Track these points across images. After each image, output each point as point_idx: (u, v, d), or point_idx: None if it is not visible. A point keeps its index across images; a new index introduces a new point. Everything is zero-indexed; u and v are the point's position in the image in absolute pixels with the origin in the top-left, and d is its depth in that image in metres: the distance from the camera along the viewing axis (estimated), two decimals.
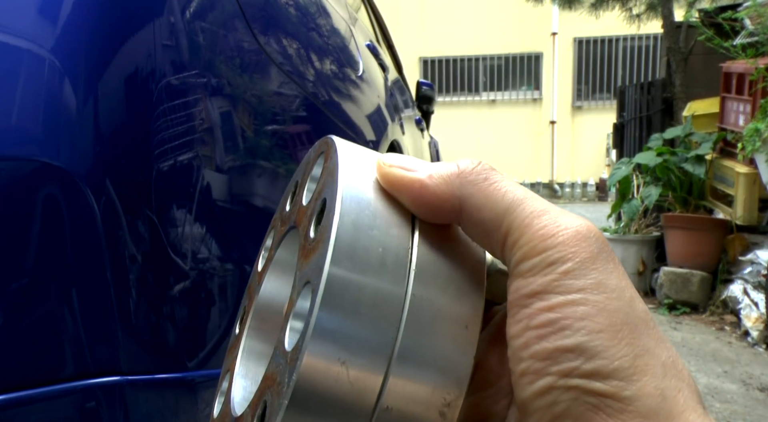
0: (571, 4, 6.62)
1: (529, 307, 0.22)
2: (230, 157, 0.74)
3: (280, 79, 0.91)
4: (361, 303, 0.21)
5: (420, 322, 0.22)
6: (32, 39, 0.55)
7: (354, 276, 0.21)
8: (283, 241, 0.28)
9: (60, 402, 0.52)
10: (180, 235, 0.63)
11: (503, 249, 0.23)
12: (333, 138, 0.25)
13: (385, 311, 0.22)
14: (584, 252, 0.22)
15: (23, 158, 0.52)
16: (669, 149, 4.02)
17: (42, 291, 0.52)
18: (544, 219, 0.22)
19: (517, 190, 0.23)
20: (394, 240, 0.23)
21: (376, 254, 0.22)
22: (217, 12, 0.77)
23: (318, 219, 0.24)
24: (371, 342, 0.21)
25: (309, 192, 0.26)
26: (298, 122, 0.98)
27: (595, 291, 0.22)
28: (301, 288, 0.23)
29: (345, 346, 0.21)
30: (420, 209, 0.24)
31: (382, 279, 0.22)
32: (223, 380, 0.29)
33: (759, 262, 3.33)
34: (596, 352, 0.21)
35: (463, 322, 0.23)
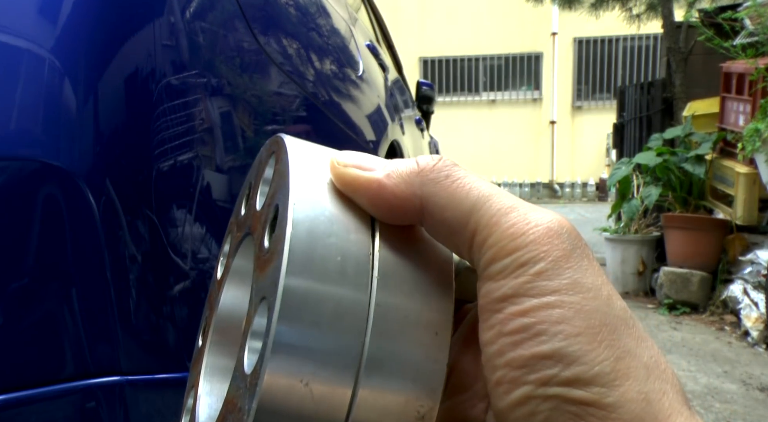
0: (571, 4, 6.62)
1: (502, 312, 0.21)
2: (230, 157, 0.74)
3: (280, 79, 0.91)
4: (322, 315, 0.20)
5: (387, 331, 0.21)
6: (32, 39, 0.55)
7: (312, 288, 0.20)
8: (240, 248, 0.27)
9: (60, 402, 0.52)
10: (180, 235, 0.63)
11: (470, 249, 0.22)
12: (283, 137, 0.24)
13: (348, 322, 0.20)
14: (557, 251, 0.21)
15: (23, 158, 0.52)
16: (669, 149, 4.02)
17: (42, 291, 0.52)
18: (513, 217, 0.21)
19: (482, 186, 0.22)
20: (354, 246, 0.21)
21: (335, 263, 0.21)
22: (217, 12, 0.77)
23: (272, 227, 0.22)
24: (335, 356, 0.20)
25: (262, 196, 0.25)
26: (298, 122, 0.98)
27: (570, 291, 0.20)
28: (258, 304, 0.21)
29: (307, 364, 0.20)
30: (379, 211, 0.22)
31: (343, 289, 0.20)
32: (188, 396, 0.28)
33: (759, 262, 3.33)
34: (575, 358, 0.20)
35: (433, 328, 0.22)
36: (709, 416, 2.19)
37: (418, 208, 0.22)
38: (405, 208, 0.22)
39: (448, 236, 0.22)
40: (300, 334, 0.20)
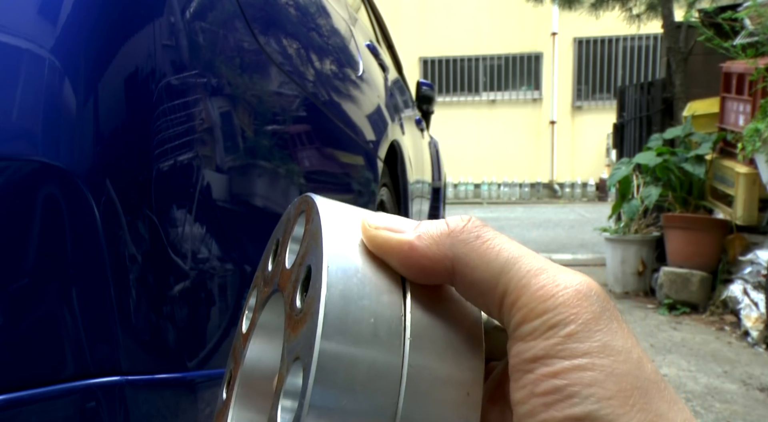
0: (571, 4, 6.62)
1: (533, 373, 0.21)
2: (230, 157, 0.74)
3: (280, 79, 0.91)
4: (356, 378, 0.20)
5: (420, 393, 0.21)
6: (32, 39, 0.55)
7: (346, 351, 0.20)
8: (267, 304, 0.27)
9: (60, 402, 0.52)
10: (180, 235, 0.63)
11: (500, 310, 0.22)
12: (313, 197, 0.24)
13: (382, 385, 0.21)
14: (587, 313, 0.21)
15: (23, 158, 0.52)
16: (669, 149, 4.02)
17: (42, 291, 0.52)
18: (542, 279, 0.21)
19: (511, 247, 0.22)
20: (386, 308, 0.22)
21: (368, 325, 0.21)
22: (217, 12, 0.77)
23: (304, 287, 0.22)
24: (369, 417, 0.20)
25: (291, 254, 0.25)
26: (298, 122, 0.98)
27: (601, 354, 0.21)
28: (290, 364, 0.22)
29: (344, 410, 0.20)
30: (410, 272, 0.23)
31: (377, 351, 0.21)
32: None
33: (759, 262, 3.33)
34: (608, 421, 0.20)
35: (464, 388, 0.22)
36: (709, 416, 2.19)
37: (449, 268, 0.22)
38: (436, 269, 0.23)
39: (478, 296, 0.23)
40: (335, 396, 0.20)
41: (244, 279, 0.76)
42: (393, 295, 0.22)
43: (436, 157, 3.80)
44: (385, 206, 1.72)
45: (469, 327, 0.23)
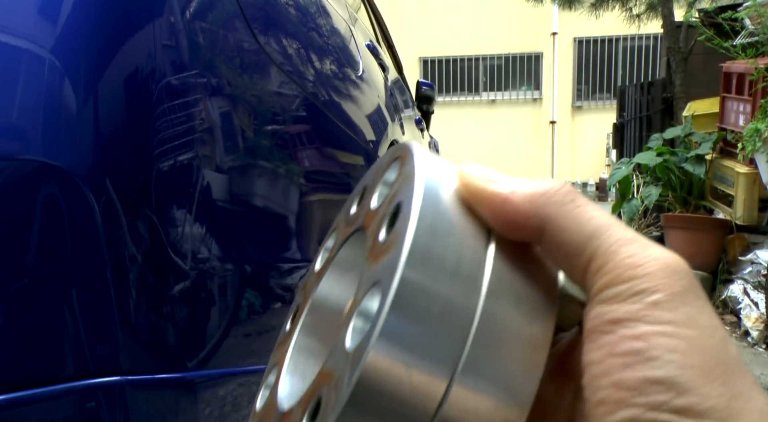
0: (571, 4, 6.62)
1: (613, 334, 0.21)
2: (230, 157, 0.74)
3: (280, 79, 0.91)
4: (431, 310, 0.21)
5: (489, 337, 0.21)
6: (32, 39, 0.55)
7: (427, 282, 0.21)
8: (346, 243, 0.28)
9: (60, 402, 0.52)
10: (180, 235, 0.63)
11: (585, 274, 0.22)
12: (411, 144, 0.25)
13: (454, 321, 0.21)
14: (675, 286, 0.21)
15: (23, 158, 0.52)
16: (669, 149, 4.02)
17: (42, 291, 0.52)
18: (632, 248, 0.22)
19: (603, 215, 0.22)
20: (470, 251, 0.22)
21: (451, 262, 0.21)
22: (217, 12, 0.77)
23: (391, 223, 0.23)
24: (438, 350, 0.21)
25: (380, 196, 0.26)
26: (298, 122, 0.98)
27: (686, 326, 0.20)
28: (368, 289, 0.22)
29: (411, 351, 0.20)
30: (500, 223, 0.23)
31: (455, 289, 0.21)
32: (269, 374, 0.29)
33: (759, 262, 3.33)
34: (688, 388, 0.20)
35: (532, 343, 0.22)
36: None
37: (539, 226, 0.23)
38: (526, 225, 0.23)
39: (564, 258, 0.23)
40: (407, 324, 0.20)
41: (244, 279, 0.76)
42: (478, 241, 0.23)
43: None
44: None
45: (546, 288, 0.23)
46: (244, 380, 0.74)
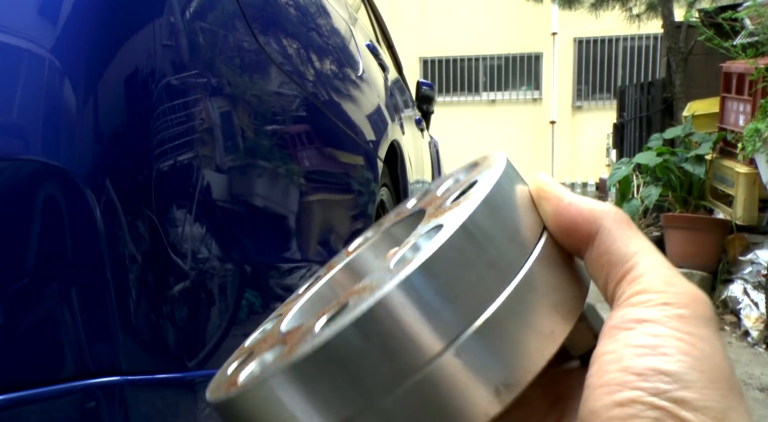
0: (571, 4, 6.62)
1: (633, 330, 0.22)
2: (230, 157, 0.74)
3: (280, 79, 0.91)
4: (479, 259, 0.23)
5: (517, 304, 0.23)
6: (32, 39, 0.55)
7: (487, 231, 0.23)
8: (393, 227, 0.30)
9: (60, 402, 0.52)
10: (180, 235, 0.63)
11: (621, 281, 0.24)
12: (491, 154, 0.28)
13: (494, 277, 0.23)
14: (700, 310, 0.22)
15: (23, 158, 0.52)
16: (669, 149, 4.02)
17: (42, 291, 0.52)
18: (671, 272, 0.23)
19: (649, 243, 0.25)
20: (525, 230, 0.25)
21: (510, 228, 0.24)
22: (217, 12, 0.77)
23: (462, 193, 0.25)
24: (470, 295, 0.22)
25: (449, 187, 0.29)
26: (298, 122, 0.98)
27: (703, 341, 0.22)
28: (423, 231, 0.24)
29: (447, 285, 0.22)
30: (559, 221, 0.25)
31: (509, 249, 0.23)
32: (268, 322, 0.30)
33: (759, 262, 3.33)
34: (691, 386, 0.21)
35: (551, 327, 0.24)
36: None
37: (591, 232, 0.25)
38: (581, 226, 0.25)
39: (605, 264, 0.25)
40: (456, 260, 0.22)
41: (244, 279, 0.76)
42: (533, 230, 0.25)
43: (436, 157, 3.80)
44: (385, 206, 1.72)
45: (574, 295, 0.25)
46: None
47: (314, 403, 0.22)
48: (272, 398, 0.23)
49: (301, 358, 0.22)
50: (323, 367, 0.22)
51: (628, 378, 0.21)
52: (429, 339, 0.22)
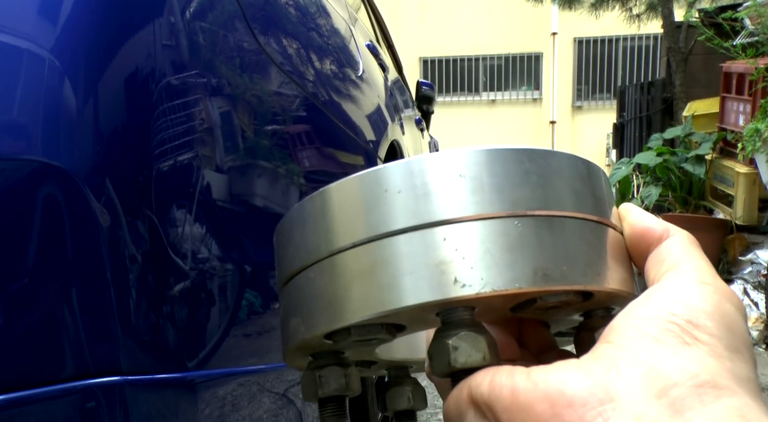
0: (571, 4, 6.62)
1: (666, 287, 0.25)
2: (230, 157, 0.74)
3: (280, 79, 0.91)
4: (561, 176, 0.26)
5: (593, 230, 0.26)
6: (32, 39, 0.55)
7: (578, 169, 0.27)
8: None
9: (60, 402, 0.52)
10: (180, 235, 0.63)
11: (670, 270, 0.27)
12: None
13: (587, 196, 0.26)
14: (733, 298, 0.25)
15: (23, 158, 0.52)
16: (669, 149, 4.02)
17: (42, 291, 0.52)
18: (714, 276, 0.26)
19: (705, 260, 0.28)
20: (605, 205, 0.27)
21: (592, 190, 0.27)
22: (217, 12, 0.77)
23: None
24: (559, 192, 0.26)
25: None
26: (298, 122, 0.98)
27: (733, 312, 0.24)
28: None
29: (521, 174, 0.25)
30: (635, 223, 0.28)
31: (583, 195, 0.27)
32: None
33: (759, 262, 3.33)
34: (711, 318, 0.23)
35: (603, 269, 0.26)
36: None
37: (662, 236, 0.28)
38: (654, 232, 0.28)
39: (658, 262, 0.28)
40: (535, 165, 0.26)
41: (244, 279, 0.76)
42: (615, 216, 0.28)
43: None
44: None
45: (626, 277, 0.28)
46: (244, 380, 0.74)
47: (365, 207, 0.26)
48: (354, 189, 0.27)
49: (370, 171, 0.26)
50: (398, 182, 0.25)
51: (654, 304, 0.24)
52: (511, 196, 0.25)
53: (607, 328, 0.24)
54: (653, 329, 0.22)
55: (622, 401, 0.21)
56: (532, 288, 0.24)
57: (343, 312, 0.25)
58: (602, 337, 0.24)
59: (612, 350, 0.22)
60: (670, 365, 0.21)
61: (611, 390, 0.21)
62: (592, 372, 0.22)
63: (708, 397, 0.20)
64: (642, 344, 0.22)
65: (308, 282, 0.27)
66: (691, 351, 0.22)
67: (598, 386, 0.21)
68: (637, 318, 0.23)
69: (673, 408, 0.20)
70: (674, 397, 0.20)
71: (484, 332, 0.25)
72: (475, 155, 0.26)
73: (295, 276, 0.28)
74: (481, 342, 0.25)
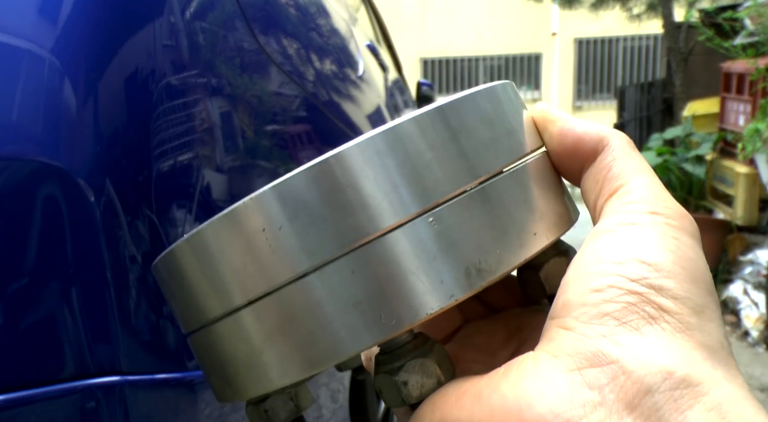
0: (571, 4, 6.62)
1: (615, 231, 0.22)
2: (230, 157, 0.74)
3: (280, 79, 0.91)
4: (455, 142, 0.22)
5: (507, 190, 0.23)
6: (32, 39, 0.55)
7: (463, 124, 0.22)
8: None
9: (60, 402, 0.52)
10: (180, 235, 0.63)
11: (612, 196, 0.24)
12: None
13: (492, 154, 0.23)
14: (688, 225, 0.23)
15: (23, 158, 0.52)
16: (669, 149, 4.02)
17: (42, 291, 0.52)
18: (664, 192, 0.24)
19: (649, 166, 0.25)
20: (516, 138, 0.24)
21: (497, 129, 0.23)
22: (217, 12, 0.77)
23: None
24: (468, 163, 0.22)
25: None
26: (298, 122, 0.98)
27: (688, 248, 0.22)
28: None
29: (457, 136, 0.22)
30: (563, 141, 0.25)
31: (501, 134, 0.23)
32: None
33: (759, 262, 3.33)
34: (672, 276, 0.20)
35: (535, 228, 0.23)
36: None
37: (596, 148, 0.25)
38: (586, 145, 0.25)
39: (605, 179, 0.25)
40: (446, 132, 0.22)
41: None
42: (529, 141, 0.25)
43: None
44: None
45: (561, 213, 0.25)
46: None
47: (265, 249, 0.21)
48: (205, 245, 0.22)
49: (238, 205, 0.22)
50: (279, 208, 0.21)
51: (606, 266, 0.21)
52: (407, 195, 0.20)
53: (558, 300, 0.21)
54: (612, 305, 0.20)
55: (589, 418, 0.19)
56: (472, 292, 0.21)
57: (267, 378, 0.22)
58: (555, 311, 0.21)
59: (570, 343, 0.20)
60: (640, 361, 0.19)
61: (576, 406, 0.19)
62: (554, 383, 0.19)
63: (684, 400, 0.18)
64: (603, 330, 0.20)
65: (214, 341, 0.23)
66: (659, 330, 0.19)
67: (562, 403, 0.19)
68: (591, 291, 0.20)
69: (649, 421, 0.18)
70: (648, 407, 0.18)
71: (430, 350, 0.22)
72: (350, 156, 0.21)
73: (197, 331, 0.24)
74: (431, 364, 0.21)
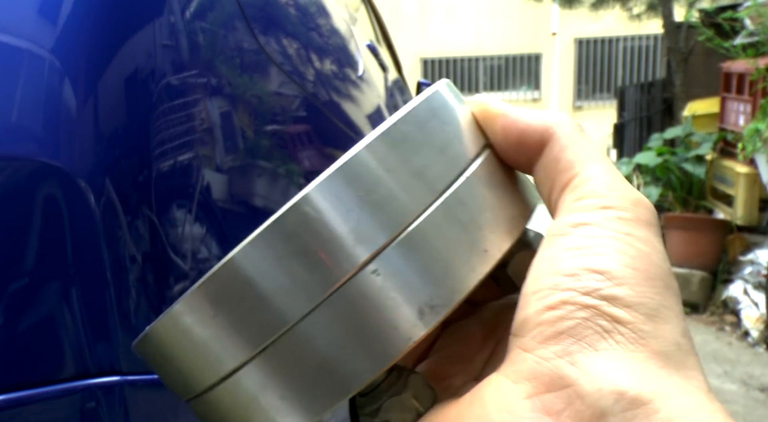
0: (571, 3, 6.62)
1: (570, 235, 0.21)
2: (230, 157, 0.74)
3: (280, 79, 0.91)
4: (402, 168, 0.21)
5: (445, 218, 0.21)
6: (32, 39, 0.55)
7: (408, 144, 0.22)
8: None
9: (60, 402, 0.52)
10: (180, 235, 0.63)
11: (564, 189, 0.23)
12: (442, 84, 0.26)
13: (420, 188, 0.21)
14: (642, 214, 0.22)
15: (23, 158, 0.52)
16: (669, 149, 4.02)
17: (42, 291, 0.52)
18: (615, 178, 0.23)
19: (600, 152, 0.24)
20: (459, 145, 0.23)
21: (439, 141, 0.22)
22: (217, 12, 0.77)
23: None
24: (393, 205, 0.21)
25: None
26: (298, 122, 0.98)
27: (642, 242, 0.21)
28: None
29: (367, 192, 0.20)
30: (507, 136, 0.24)
31: (434, 163, 0.22)
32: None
33: (759, 262, 3.33)
34: (624, 282, 0.20)
35: (484, 245, 0.22)
36: None
37: (542, 140, 0.24)
38: (531, 138, 0.24)
39: (554, 171, 0.24)
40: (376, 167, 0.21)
41: None
42: (472, 143, 0.24)
43: None
44: None
45: (514, 215, 0.24)
46: None
47: (225, 328, 0.21)
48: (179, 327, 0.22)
49: (206, 279, 0.21)
50: (229, 286, 0.21)
51: (560, 279, 0.20)
52: (345, 251, 0.20)
53: (518, 314, 0.21)
54: (567, 322, 0.20)
55: None
56: (427, 331, 0.20)
57: None
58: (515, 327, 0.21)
59: (528, 367, 0.20)
60: (594, 383, 0.19)
61: None
62: (514, 412, 0.19)
63: (636, 421, 0.18)
64: (559, 350, 0.19)
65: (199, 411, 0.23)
66: (613, 344, 0.19)
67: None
68: (546, 309, 0.20)
69: None
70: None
71: (405, 384, 0.22)
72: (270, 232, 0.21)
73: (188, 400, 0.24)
74: (407, 399, 0.21)
